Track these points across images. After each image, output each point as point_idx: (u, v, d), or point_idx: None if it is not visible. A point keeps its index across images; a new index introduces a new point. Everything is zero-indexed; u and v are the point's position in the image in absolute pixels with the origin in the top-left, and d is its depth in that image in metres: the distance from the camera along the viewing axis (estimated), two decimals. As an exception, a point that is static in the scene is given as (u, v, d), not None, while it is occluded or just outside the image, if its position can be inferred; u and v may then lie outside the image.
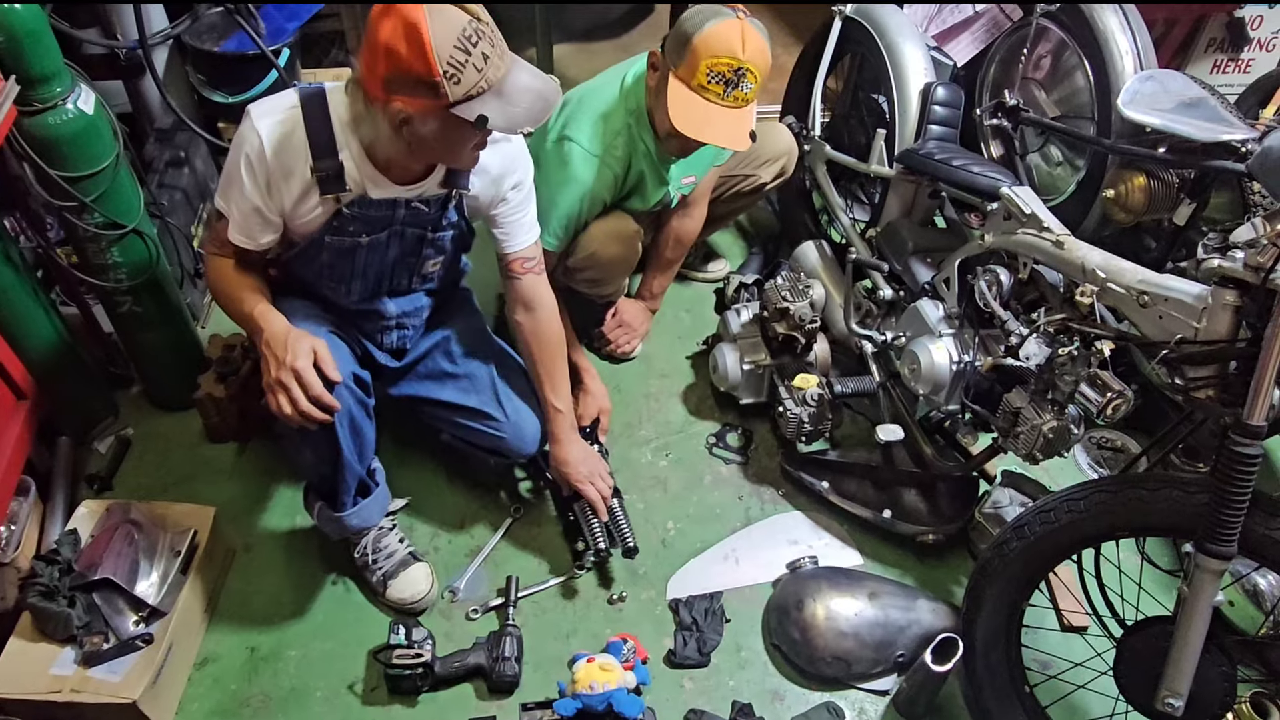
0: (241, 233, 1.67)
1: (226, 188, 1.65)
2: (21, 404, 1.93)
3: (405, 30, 1.39)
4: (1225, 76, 2.98)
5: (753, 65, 1.90)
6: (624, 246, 2.24)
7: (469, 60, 1.42)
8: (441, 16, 1.40)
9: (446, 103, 1.45)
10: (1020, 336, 1.83)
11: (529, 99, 1.51)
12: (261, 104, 1.60)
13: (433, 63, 1.40)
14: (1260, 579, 1.93)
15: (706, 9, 1.90)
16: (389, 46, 1.41)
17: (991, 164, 2.08)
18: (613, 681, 1.77)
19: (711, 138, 1.97)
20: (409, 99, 1.46)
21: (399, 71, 1.43)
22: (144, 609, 1.76)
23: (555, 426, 2.01)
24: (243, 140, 1.58)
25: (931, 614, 1.96)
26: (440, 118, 1.49)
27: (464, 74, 1.43)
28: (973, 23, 2.63)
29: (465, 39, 1.41)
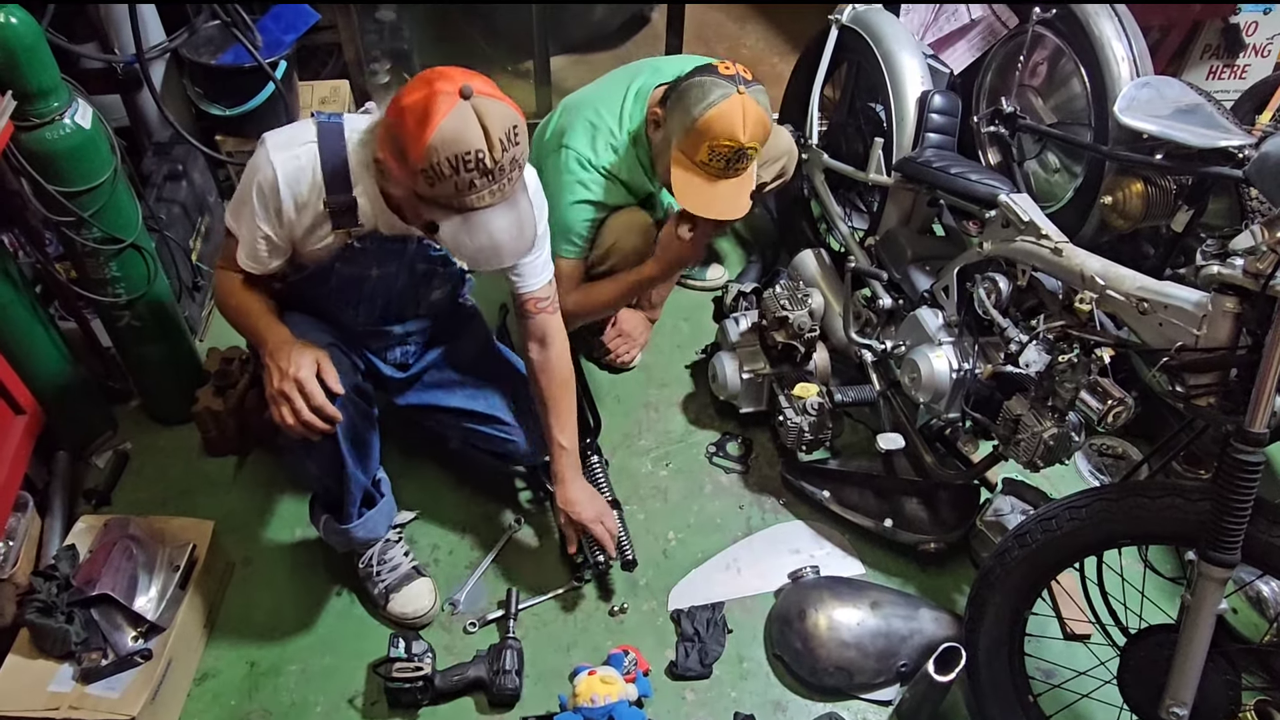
0: (250, 257, 1.67)
1: (238, 210, 1.64)
2: (19, 419, 1.93)
3: (421, 113, 1.37)
4: (1221, 82, 2.98)
5: (753, 143, 1.92)
6: (641, 237, 2.24)
7: (453, 178, 1.40)
8: (458, 126, 1.37)
9: (413, 186, 1.46)
10: (1020, 344, 1.83)
11: (483, 242, 1.48)
12: (278, 134, 1.60)
13: (420, 154, 1.38)
14: (1264, 586, 1.92)
15: (708, 83, 1.89)
16: (402, 109, 1.40)
17: (989, 171, 2.08)
18: (614, 694, 1.76)
19: (714, 213, 2.00)
20: (389, 156, 1.46)
21: (395, 131, 1.43)
22: (143, 624, 1.75)
23: (560, 465, 1.97)
24: (256, 169, 1.58)
25: (934, 623, 1.96)
26: (407, 194, 1.50)
27: (439, 184, 1.41)
28: (969, 30, 2.63)
29: (462, 160, 1.39)
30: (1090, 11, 2.24)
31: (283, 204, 1.58)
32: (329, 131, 1.58)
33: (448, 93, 1.37)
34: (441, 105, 1.36)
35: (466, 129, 1.37)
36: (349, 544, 1.92)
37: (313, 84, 2.88)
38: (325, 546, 2.04)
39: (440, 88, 1.37)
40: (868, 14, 2.44)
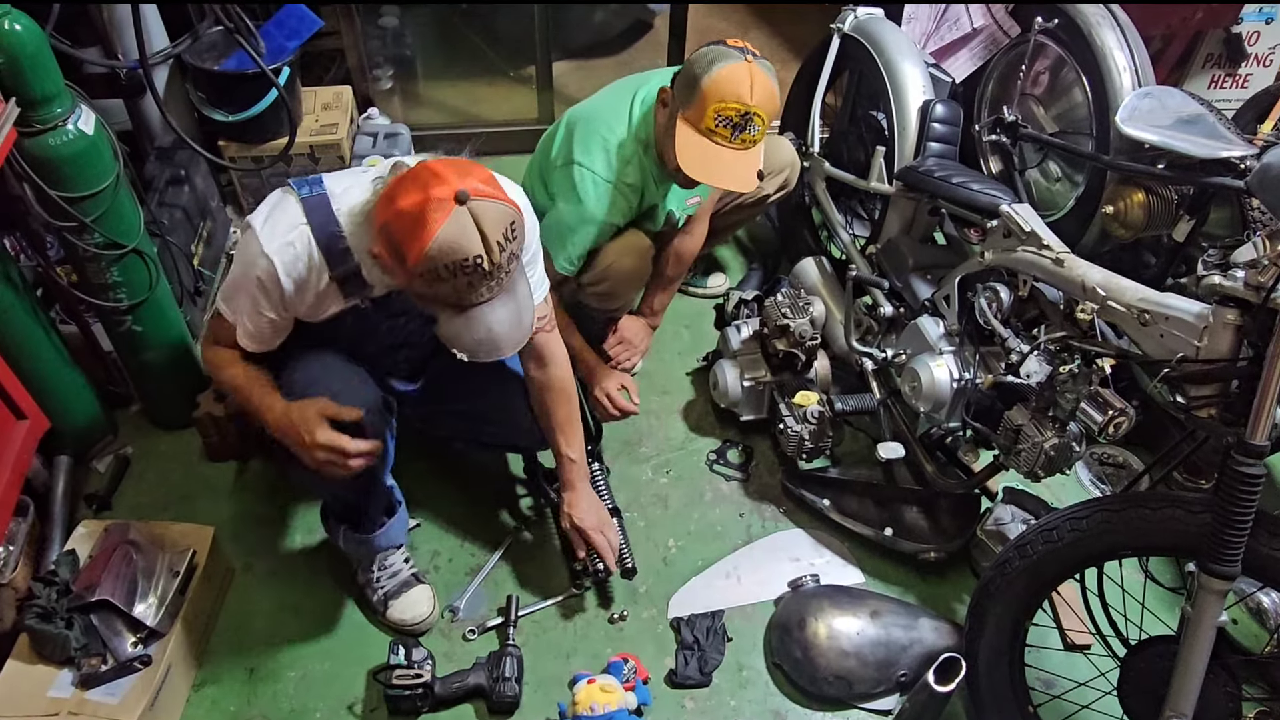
0: (254, 341, 1.65)
1: (233, 298, 1.60)
2: (20, 423, 1.93)
3: (415, 222, 1.35)
4: (1223, 92, 2.99)
5: (760, 109, 1.90)
6: (639, 260, 2.25)
7: (451, 281, 1.38)
8: (454, 235, 1.34)
9: (409, 286, 1.46)
10: (1021, 354, 1.83)
11: (481, 336, 1.46)
12: (265, 222, 1.54)
13: (417, 259, 1.36)
14: (1264, 597, 1.92)
15: (715, 51, 1.90)
16: (396, 216, 1.38)
17: (991, 180, 2.08)
18: (613, 702, 1.76)
19: (719, 181, 2.00)
20: (385, 256, 1.44)
21: (391, 236, 1.40)
22: (142, 630, 1.75)
23: (569, 475, 1.99)
24: (252, 263, 1.54)
25: (934, 633, 1.95)
26: (403, 284, 1.49)
27: (438, 286, 1.40)
28: (971, 39, 2.64)
29: (461, 266, 1.36)
30: (1092, 21, 2.25)
31: (285, 292, 1.56)
32: (316, 208, 1.54)
33: (443, 199, 1.34)
34: (437, 213, 1.33)
35: (464, 236, 1.34)
36: (370, 552, 1.93)
37: (315, 90, 2.88)
38: (326, 553, 2.04)
39: (435, 194, 1.34)
40: (870, 23, 2.44)
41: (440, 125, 3.22)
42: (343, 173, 1.63)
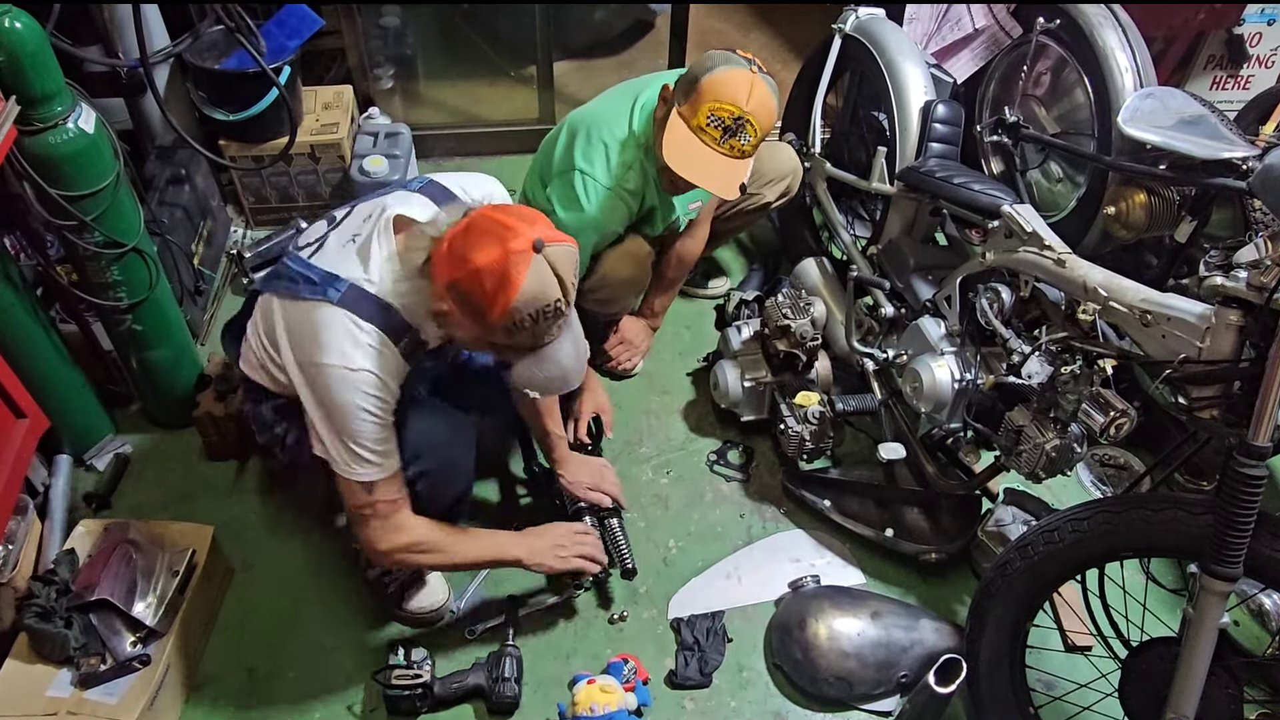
0: (391, 475, 1.60)
1: (363, 444, 1.53)
2: (20, 422, 1.92)
3: (499, 277, 1.37)
4: (1225, 93, 2.98)
5: (754, 117, 1.89)
6: (636, 267, 2.25)
7: (532, 327, 1.42)
8: (537, 284, 1.38)
9: (490, 340, 1.48)
10: (1022, 354, 1.82)
11: (554, 372, 1.52)
12: (328, 348, 1.48)
13: (502, 314, 1.39)
14: (1266, 599, 1.92)
15: (722, 55, 1.91)
16: (475, 273, 1.38)
17: (992, 181, 2.08)
18: (613, 703, 1.75)
19: (699, 179, 1.97)
20: (459, 312, 1.45)
21: (470, 293, 1.41)
22: (141, 630, 1.75)
23: (560, 450, 2.06)
24: (354, 389, 1.48)
25: (934, 634, 1.95)
26: (476, 339, 1.50)
27: (518, 335, 1.44)
28: (972, 40, 2.63)
29: (542, 312, 1.41)
30: (1094, 22, 2.25)
31: (390, 389, 1.54)
32: (356, 301, 1.50)
33: (522, 251, 1.37)
34: (519, 266, 1.36)
35: (545, 284, 1.39)
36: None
37: (316, 89, 2.88)
38: (325, 552, 2.03)
39: (513, 247, 1.36)
40: (871, 23, 2.44)
41: (441, 125, 3.22)
42: (324, 248, 1.58)
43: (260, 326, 1.63)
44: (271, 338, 1.59)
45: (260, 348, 1.64)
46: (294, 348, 1.53)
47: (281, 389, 1.66)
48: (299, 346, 1.52)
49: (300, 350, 1.52)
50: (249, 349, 1.70)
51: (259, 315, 1.65)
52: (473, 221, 1.43)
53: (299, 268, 1.57)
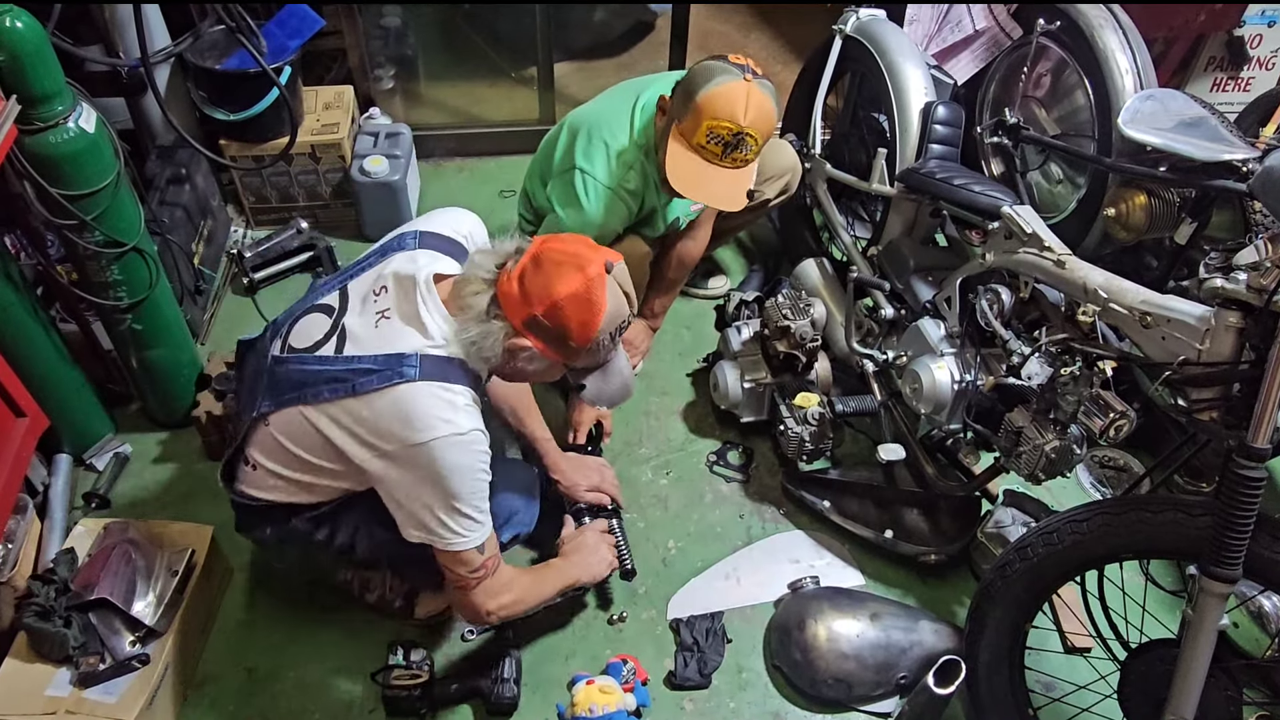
0: (492, 529, 1.60)
1: (473, 506, 1.52)
2: (20, 421, 1.92)
3: (586, 302, 1.43)
4: (1225, 95, 2.98)
5: (753, 130, 1.89)
6: (635, 268, 2.24)
7: (608, 344, 1.52)
8: (615, 304, 1.47)
9: (571, 363, 1.52)
10: (1022, 356, 1.82)
11: (618, 384, 1.63)
12: (431, 422, 1.44)
13: (590, 337, 1.46)
14: (1265, 601, 1.91)
15: (715, 67, 1.89)
16: (561, 303, 1.43)
17: (992, 182, 2.08)
18: (612, 704, 1.75)
19: (706, 198, 2.01)
20: (542, 344, 1.48)
21: (556, 323, 1.45)
22: (140, 629, 1.75)
23: (551, 455, 2.06)
24: (465, 449, 1.46)
25: (934, 635, 1.95)
26: (551, 366, 1.54)
27: (598, 353, 1.52)
28: (973, 41, 2.63)
29: (619, 329, 1.51)
30: (1094, 23, 2.24)
31: (488, 437, 1.52)
32: (434, 369, 1.46)
33: (600, 275, 1.44)
34: (600, 289, 1.44)
35: (620, 302, 1.49)
36: None
37: (317, 89, 2.88)
38: (325, 553, 2.03)
39: (592, 272, 1.43)
40: (871, 24, 2.44)
41: (441, 125, 3.22)
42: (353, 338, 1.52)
43: (291, 443, 1.56)
44: (323, 448, 1.52)
45: (290, 466, 1.58)
46: (380, 441, 1.46)
47: (323, 496, 1.63)
48: (387, 438, 1.46)
49: (390, 440, 1.46)
50: (259, 478, 1.63)
51: (282, 434, 1.56)
52: (539, 255, 1.45)
53: (339, 367, 1.49)
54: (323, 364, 1.51)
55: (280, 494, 1.64)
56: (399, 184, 2.75)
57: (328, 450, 1.52)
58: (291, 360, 1.55)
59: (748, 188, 1.97)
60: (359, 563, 1.83)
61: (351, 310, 1.56)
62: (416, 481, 1.48)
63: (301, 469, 1.58)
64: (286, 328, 1.61)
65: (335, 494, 1.62)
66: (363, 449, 1.48)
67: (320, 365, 1.51)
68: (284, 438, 1.56)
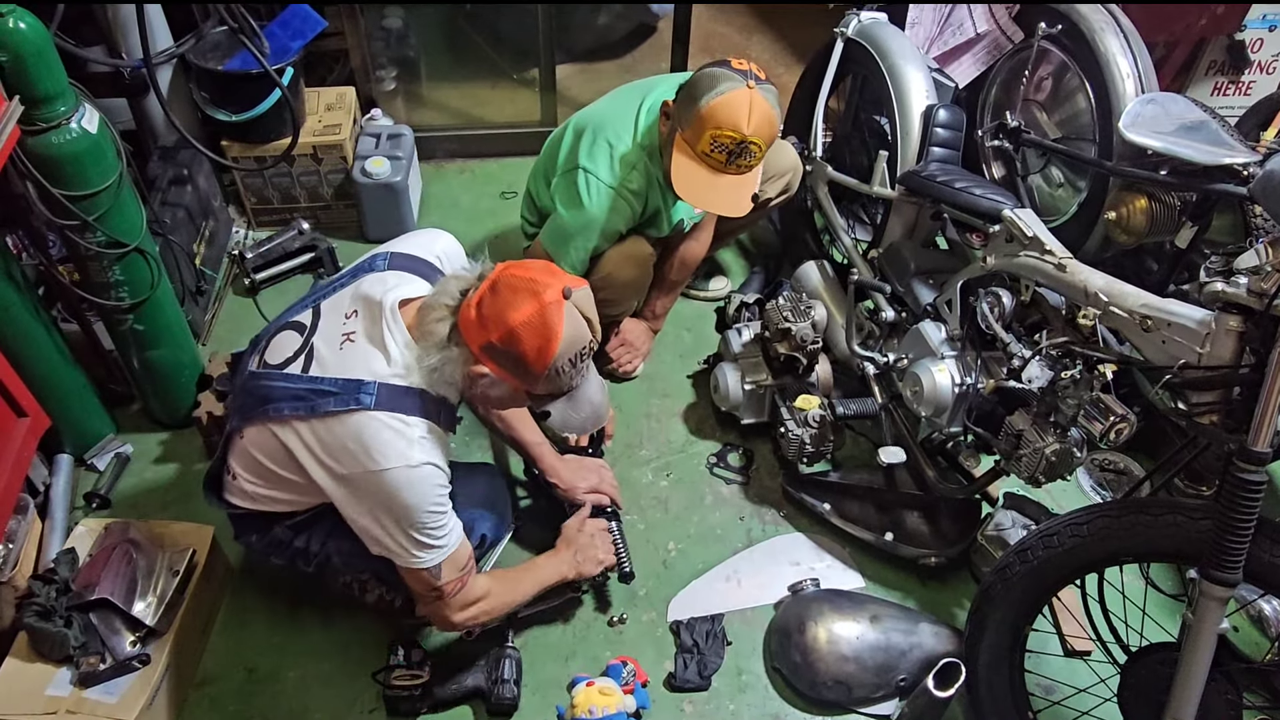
0: (457, 550, 1.61)
1: (428, 534, 1.53)
2: (21, 421, 1.93)
3: (540, 328, 1.42)
4: (1226, 99, 2.98)
5: (757, 138, 1.90)
6: (639, 269, 2.26)
7: (570, 371, 1.48)
8: (573, 330, 1.44)
9: (531, 390, 1.51)
10: (1022, 359, 1.83)
11: (587, 411, 1.60)
12: (380, 449, 1.46)
13: (547, 364, 1.44)
14: (1265, 605, 1.92)
15: (718, 74, 1.90)
16: (516, 330, 1.42)
17: (993, 186, 2.08)
18: (612, 706, 1.75)
19: (711, 206, 2.02)
20: (501, 371, 1.48)
21: (511, 350, 1.44)
22: (141, 629, 1.75)
23: (543, 460, 2.06)
24: (415, 482, 1.47)
25: (934, 638, 1.95)
26: (513, 392, 1.53)
27: (559, 380, 1.49)
28: (974, 44, 2.64)
29: (579, 355, 1.48)
30: (1096, 27, 2.25)
31: (445, 470, 1.55)
32: (389, 398, 1.48)
33: (555, 301, 1.42)
34: (556, 316, 1.42)
35: (579, 328, 1.46)
36: None
37: (319, 90, 2.89)
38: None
39: (548, 298, 1.41)
40: (873, 27, 2.44)
41: (443, 127, 3.22)
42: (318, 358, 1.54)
43: (262, 456, 1.59)
44: (287, 462, 1.55)
45: (262, 477, 1.63)
46: (336, 463, 1.49)
47: (297, 506, 1.66)
48: (343, 461, 1.48)
49: (346, 464, 1.48)
50: (240, 486, 1.67)
51: (254, 447, 1.60)
52: (497, 281, 1.45)
53: (302, 385, 1.51)
54: (288, 381, 1.53)
55: (260, 504, 1.68)
56: (401, 185, 2.76)
57: (291, 465, 1.55)
58: (263, 376, 1.58)
59: (752, 191, 1.98)
60: (339, 571, 1.83)
61: (320, 330, 1.58)
62: (371, 506, 1.51)
63: (273, 482, 1.63)
64: (265, 343, 1.64)
65: (308, 506, 1.65)
66: (320, 469, 1.51)
67: (286, 382, 1.53)
68: (256, 450, 1.61)
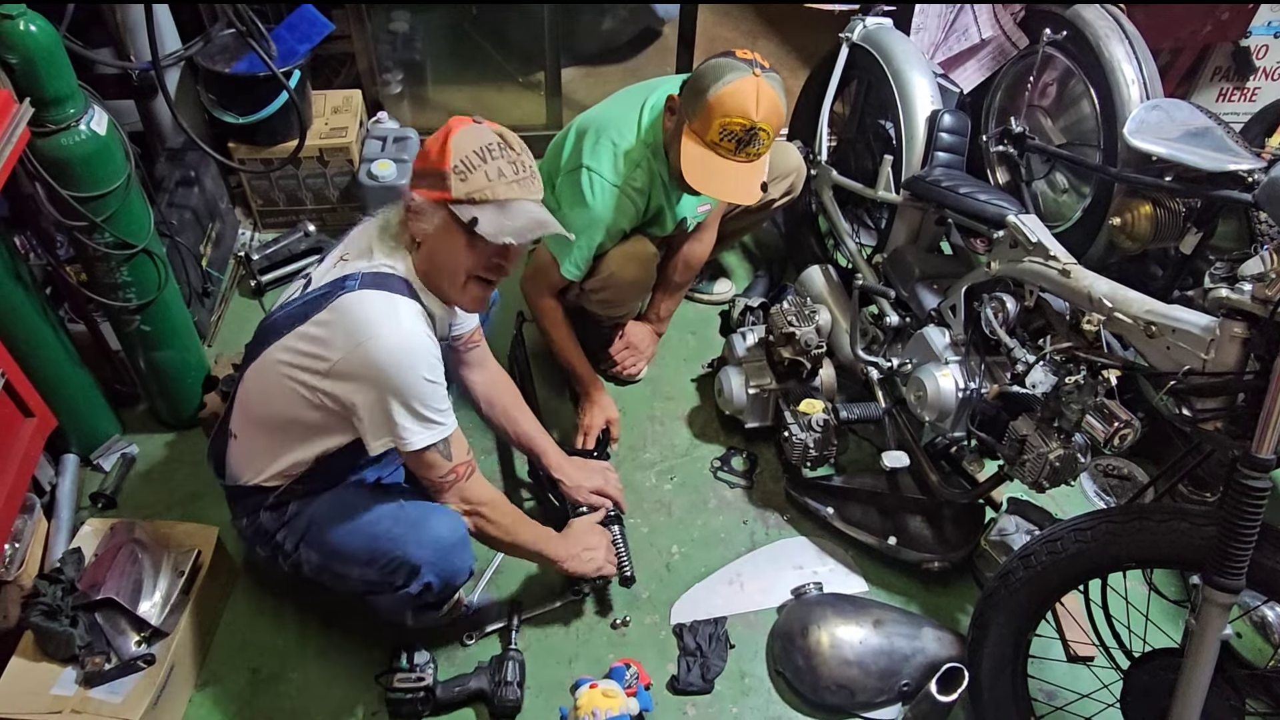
0: (457, 433, 1.64)
1: (429, 407, 1.55)
2: (28, 421, 1.93)
3: (441, 134, 1.53)
4: (1231, 105, 2.99)
5: (765, 124, 1.91)
6: (642, 269, 2.26)
7: (481, 167, 1.51)
8: (472, 130, 1.53)
9: (449, 197, 1.51)
10: (1026, 364, 1.83)
11: (525, 220, 1.55)
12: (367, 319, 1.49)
13: (448, 156, 1.50)
14: (1269, 611, 1.91)
15: (724, 64, 1.91)
16: (426, 146, 1.55)
17: (998, 191, 2.08)
18: (615, 708, 1.75)
19: (722, 194, 2.03)
20: (424, 190, 1.54)
21: (423, 163, 1.54)
22: (146, 629, 1.75)
23: (548, 458, 2.07)
24: (407, 346, 1.50)
25: (937, 642, 1.95)
26: (442, 215, 1.54)
27: (472, 175, 1.51)
28: (979, 50, 2.64)
29: (485, 149, 1.52)
30: (1101, 33, 2.25)
31: (437, 344, 1.58)
32: (373, 280, 1.54)
33: (459, 120, 1.54)
34: (455, 126, 1.53)
35: (479, 132, 1.53)
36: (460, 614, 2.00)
37: (325, 93, 2.90)
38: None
39: (451, 124, 1.54)
40: (878, 32, 2.45)
41: (449, 130, 3.22)
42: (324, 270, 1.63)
43: (259, 397, 1.65)
44: (283, 393, 1.58)
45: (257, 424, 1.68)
46: (329, 353, 1.51)
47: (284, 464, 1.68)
48: (333, 347, 1.51)
49: (337, 349, 1.51)
50: (239, 447, 1.72)
51: (254, 389, 1.66)
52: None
53: (295, 305, 1.59)
54: (285, 308, 1.63)
55: (250, 469, 1.70)
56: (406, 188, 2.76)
57: (289, 394, 1.58)
58: (266, 318, 1.68)
59: (761, 180, 1.99)
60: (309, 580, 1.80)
61: (322, 266, 1.66)
62: (366, 385, 1.52)
63: (265, 428, 1.67)
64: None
65: (297, 464, 1.67)
66: (314, 374, 1.54)
67: (283, 310, 1.63)
68: (254, 393, 1.66)
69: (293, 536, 1.73)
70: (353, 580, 1.72)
